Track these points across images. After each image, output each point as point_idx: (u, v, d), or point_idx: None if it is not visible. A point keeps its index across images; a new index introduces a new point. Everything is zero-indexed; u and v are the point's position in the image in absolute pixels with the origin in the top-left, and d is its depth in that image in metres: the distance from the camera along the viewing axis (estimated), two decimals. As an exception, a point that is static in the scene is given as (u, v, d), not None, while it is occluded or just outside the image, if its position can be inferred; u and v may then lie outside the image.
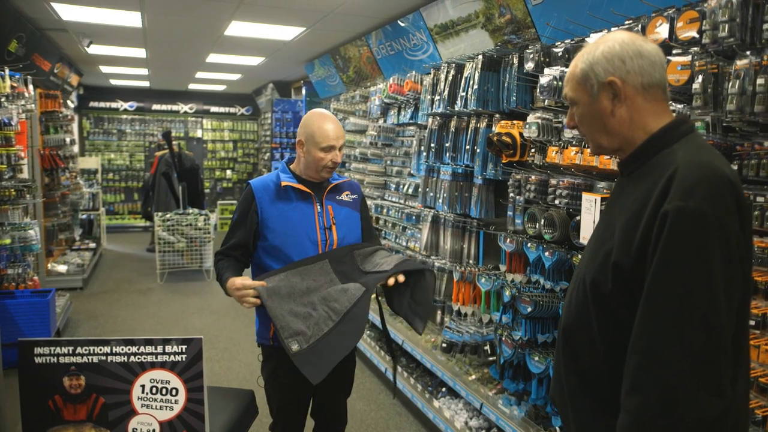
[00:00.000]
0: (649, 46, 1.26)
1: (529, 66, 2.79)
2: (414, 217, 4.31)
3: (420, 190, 4.05)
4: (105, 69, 8.90)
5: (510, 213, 2.99)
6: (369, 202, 4.99)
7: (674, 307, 1.09)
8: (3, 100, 4.47)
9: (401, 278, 2.11)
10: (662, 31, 2.10)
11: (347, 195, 2.35)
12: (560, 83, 2.47)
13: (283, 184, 2.23)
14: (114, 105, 11.99)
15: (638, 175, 1.27)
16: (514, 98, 2.99)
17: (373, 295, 4.79)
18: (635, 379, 1.13)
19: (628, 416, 1.14)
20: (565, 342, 1.37)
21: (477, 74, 3.19)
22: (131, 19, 5.30)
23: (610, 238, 1.24)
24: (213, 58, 7.46)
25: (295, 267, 2.12)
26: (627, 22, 2.28)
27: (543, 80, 2.55)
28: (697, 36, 1.95)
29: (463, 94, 3.30)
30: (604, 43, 1.27)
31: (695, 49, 1.96)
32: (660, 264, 1.10)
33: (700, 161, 1.16)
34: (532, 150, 2.84)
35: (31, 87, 5.21)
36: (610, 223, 1.28)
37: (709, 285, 1.08)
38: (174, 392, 1.61)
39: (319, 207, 2.26)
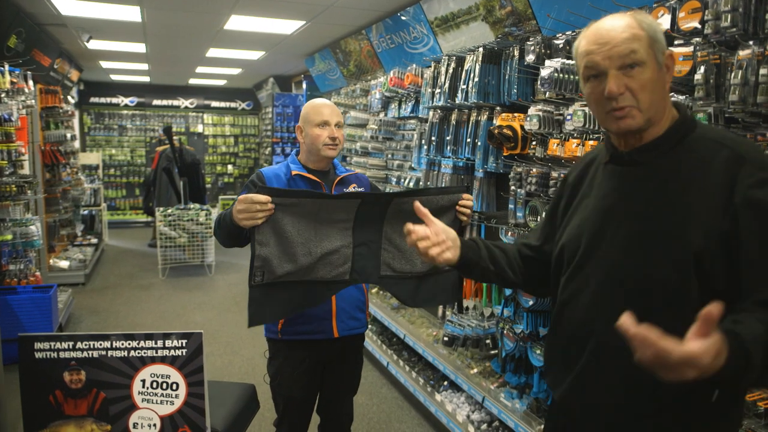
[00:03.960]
0: None
1: (530, 58, 2.78)
2: (415, 211, 4.29)
3: (421, 183, 4.04)
4: (105, 64, 8.88)
5: (511, 206, 2.98)
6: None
7: None
8: (3, 95, 4.46)
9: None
10: (664, 21, 2.08)
11: (354, 188, 2.34)
12: (561, 75, 2.45)
13: (294, 173, 2.24)
14: (114, 100, 11.97)
15: (667, 162, 1.24)
16: (515, 91, 2.97)
17: (375, 289, 4.73)
18: None
19: None
20: (603, 343, 1.28)
21: (478, 67, 3.17)
22: (130, 13, 5.28)
23: (668, 229, 1.20)
24: (213, 52, 7.44)
25: (319, 198, 1.84)
26: (629, 12, 2.26)
27: (544, 72, 2.53)
28: (699, 26, 1.94)
29: (464, 87, 3.28)
30: (647, 17, 1.25)
31: (697, 39, 1.94)
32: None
33: (743, 141, 1.25)
34: (534, 143, 2.82)
35: (31, 83, 5.21)
36: (654, 214, 1.23)
37: None
38: (174, 387, 1.61)
39: None
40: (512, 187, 2.93)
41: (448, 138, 3.52)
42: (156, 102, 12.25)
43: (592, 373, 1.32)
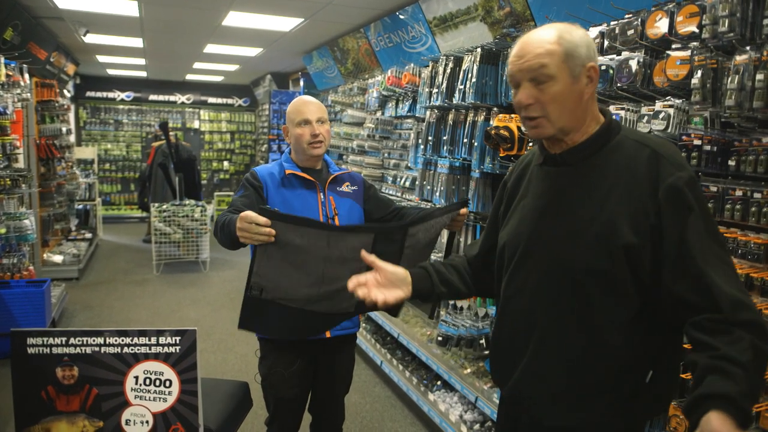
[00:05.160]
0: None
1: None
2: (411, 211, 4.30)
3: (417, 183, 4.04)
4: (102, 58, 8.84)
5: (507, 207, 2.98)
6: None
7: (719, 243, 1.25)
8: (-2, 88, 4.43)
9: None
10: (662, 25, 2.08)
11: (347, 186, 2.34)
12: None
13: (288, 172, 2.23)
14: (111, 95, 11.92)
15: (595, 163, 1.33)
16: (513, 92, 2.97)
17: None
18: (737, 300, 1.18)
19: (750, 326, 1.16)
20: (548, 337, 1.36)
21: (475, 67, 3.17)
22: (128, 7, 5.26)
23: (595, 224, 1.28)
24: (210, 48, 7.42)
25: (327, 230, 1.79)
26: (627, 15, 2.27)
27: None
28: (696, 31, 1.94)
29: (461, 87, 3.28)
30: (575, 29, 1.31)
31: (695, 43, 1.95)
32: (692, 222, 1.22)
33: (661, 141, 1.33)
34: (530, 144, 2.83)
35: (26, 76, 5.17)
36: (583, 211, 1.31)
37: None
38: (168, 384, 1.60)
39: (322, 196, 2.25)
40: (508, 188, 2.93)
41: (444, 138, 3.52)
42: (152, 97, 12.20)
43: (537, 365, 1.38)
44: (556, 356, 1.35)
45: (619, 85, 2.22)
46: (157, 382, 1.60)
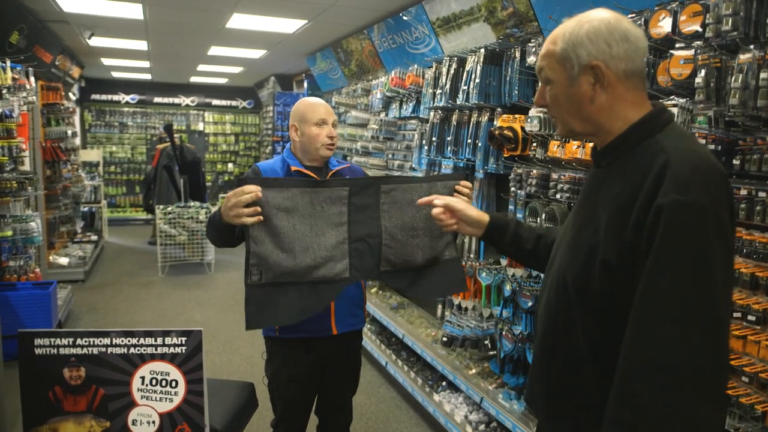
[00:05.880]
0: (635, 30, 1.17)
1: (531, 60, 2.78)
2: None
3: (421, 184, 4.04)
4: (107, 61, 8.88)
5: (511, 207, 2.98)
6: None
7: (676, 308, 1.01)
8: (4, 92, 4.46)
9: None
10: (665, 24, 2.08)
11: None
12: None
13: (293, 169, 2.22)
14: (116, 97, 11.97)
15: (619, 165, 1.18)
16: (516, 92, 2.97)
17: (375, 289, 4.71)
18: (629, 388, 1.04)
19: (618, 428, 1.05)
20: (544, 345, 1.30)
21: (479, 68, 3.17)
22: (132, 10, 5.28)
23: (593, 234, 1.15)
24: (214, 50, 7.44)
25: (308, 186, 1.83)
26: (630, 15, 2.27)
27: (545, 74, 2.53)
28: (700, 30, 1.94)
29: (465, 87, 3.29)
30: (588, 23, 1.16)
31: (698, 42, 1.95)
32: (658, 261, 1.02)
33: (691, 152, 1.09)
34: (534, 144, 2.83)
35: (32, 79, 5.21)
36: (590, 218, 1.19)
37: (712, 283, 1.00)
38: (174, 384, 1.61)
39: None
40: (512, 189, 2.93)
41: (448, 138, 3.53)
42: (157, 99, 12.24)
43: (533, 375, 1.37)
44: (543, 371, 1.31)
45: (622, 84, 2.22)
46: (164, 383, 1.61)
